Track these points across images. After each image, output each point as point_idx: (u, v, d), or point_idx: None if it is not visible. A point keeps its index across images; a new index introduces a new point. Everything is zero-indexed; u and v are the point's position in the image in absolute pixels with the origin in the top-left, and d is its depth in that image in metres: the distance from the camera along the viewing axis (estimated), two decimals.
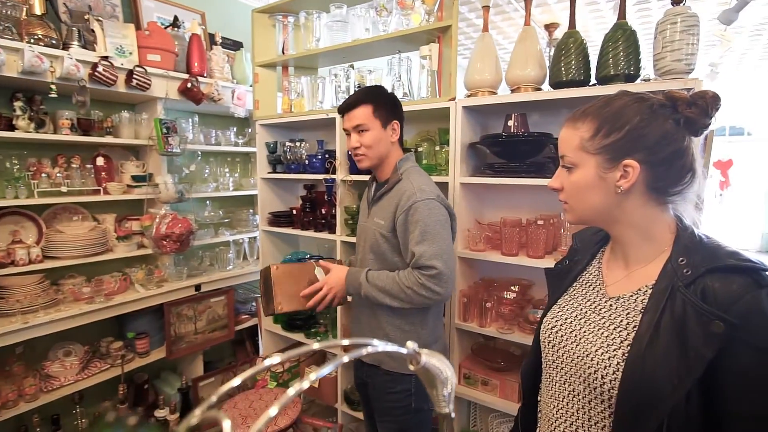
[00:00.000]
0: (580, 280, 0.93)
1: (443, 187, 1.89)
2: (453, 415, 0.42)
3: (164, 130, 2.19)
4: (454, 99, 1.81)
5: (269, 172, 2.53)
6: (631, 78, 1.51)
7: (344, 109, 1.48)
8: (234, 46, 2.88)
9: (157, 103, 2.30)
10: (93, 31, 2.01)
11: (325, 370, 0.31)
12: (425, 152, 2.00)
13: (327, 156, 2.25)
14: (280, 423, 1.99)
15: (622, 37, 1.52)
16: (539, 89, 1.73)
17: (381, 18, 2.03)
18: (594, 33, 4.48)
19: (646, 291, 0.78)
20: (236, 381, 0.37)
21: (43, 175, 1.98)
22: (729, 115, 8.10)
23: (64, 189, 2.01)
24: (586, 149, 0.78)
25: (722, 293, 0.68)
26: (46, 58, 1.79)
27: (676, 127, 0.76)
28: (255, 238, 2.83)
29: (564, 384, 0.85)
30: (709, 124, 0.78)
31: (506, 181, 1.72)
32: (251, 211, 2.89)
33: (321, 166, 2.24)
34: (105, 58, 1.98)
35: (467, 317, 1.85)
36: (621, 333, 0.77)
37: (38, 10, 1.85)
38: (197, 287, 2.47)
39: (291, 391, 0.28)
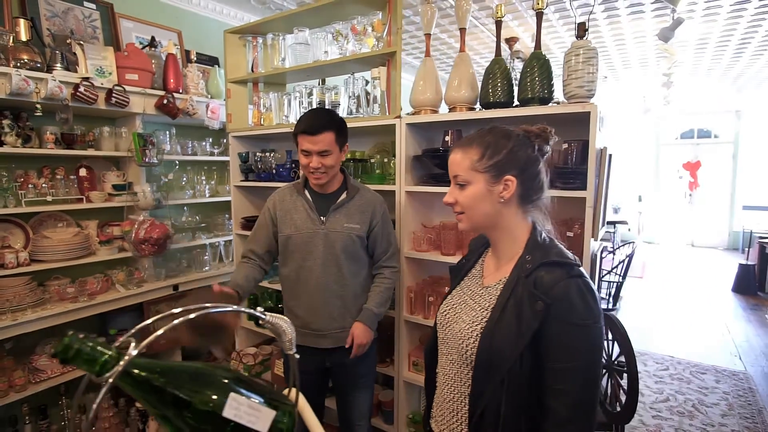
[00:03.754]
0: (469, 275, 1.17)
1: (390, 195, 2.13)
2: (297, 356, 0.63)
3: (142, 143, 2.39)
4: (399, 116, 2.04)
5: (242, 180, 2.74)
6: (545, 101, 1.75)
7: (310, 131, 1.60)
8: (210, 62, 3.09)
9: (135, 118, 2.50)
10: (75, 54, 2.20)
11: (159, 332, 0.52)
12: (377, 163, 2.23)
13: (293, 165, 2.46)
14: None
15: (537, 65, 1.76)
16: (473, 108, 1.96)
17: (337, 42, 2.25)
18: (556, 50, 4.77)
19: (503, 280, 1.01)
20: (159, 332, 0.58)
21: (30, 185, 2.17)
22: (696, 119, 8.46)
23: (49, 198, 2.20)
24: (476, 169, 1.01)
25: (546, 281, 0.91)
26: (32, 81, 1.99)
27: (534, 151, 1.01)
28: (230, 241, 3.04)
29: (448, 355, 1.08)
30: (547, 150, 1.03)
31: (445, 190, 1.95)
32: (227, 215, 3.10)
33: (288, 175, 2.46)
34: (86, 78, 2.18)
35: (413, 311, 2.08)
36: (483, 313, 1.00)
37: (24, 36, 2.05)
38: (175, 287, 2.68)
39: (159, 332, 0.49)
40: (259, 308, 0.60)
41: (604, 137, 1.79)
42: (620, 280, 4.08)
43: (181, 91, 2.67)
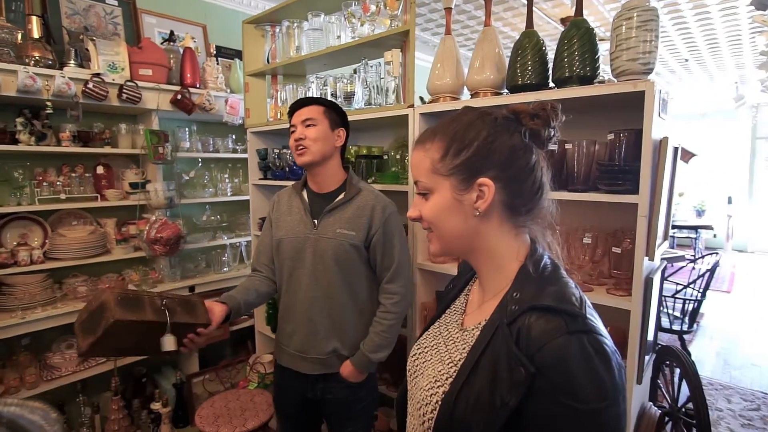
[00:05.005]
0: (451, 308, 0.88)
1: (403, 196, 1.86)
2: None
3: (155, 140, 2.32)
4: (411, 106, 1.76)
5: (260, 179, 2.60)
6: (586, 80, 1.39)
7: (295, 107, 1.51)
8: (235, 56, 2.99)
9: (152, 115, 2.44)
10: (88, 50, 2.17)
11: None
12: (392, 160, 1.97)
13: None
14: (248, 425, 2.05)
15: (576, 35, 1.40)
16: (499, 94, 1.64)
17: (350, 25, 2.01)
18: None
19: (482, 324, 0.72)
20: None
21: (45, 183, 2.16)
22: None
23: (63, 196, 2.19)
24: (439, 171, 0.72)
25: (534, 335, 0.61)
26: (40, 78, 1.96)
27: (523, 140, 0.71)
28: (251, 241, 2.92)
29: (411, 416, 0.81)
30: (553, 135, 0.71)
31: None
32: (249, 215, 2.98)
33: (302, 173, 2.27)
34: (97, 74, 2.13)
35: None
36: (449, 369, 0.71)
37: (36, 33, 2.03)
38: (191, 288, 2.60)
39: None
40: None
41: (667, 125, 1.39)
42: (700, 295, 3.46)
43: (198, 86, 2.58)
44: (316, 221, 1.51)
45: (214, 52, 2.72)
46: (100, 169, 2.39)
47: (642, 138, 1.22)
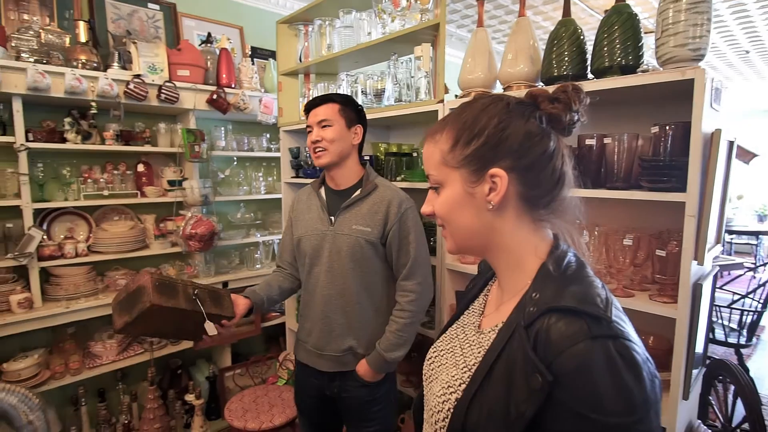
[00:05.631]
0: (469, 309, 0.83)
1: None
2: None
3: (191, 139, 2.38)
4: (441, 101, 1.71)
5: (292, 177, 2.62)
6: (629, 69, 1.29)
7: (311, 105, 1.51)
8: (270, 56, 3.03)
9: (189, 114, 2.51)
10: (130, 52, 2.26)
11: None
12: (421, 158, 1.92)
13: None
14: (275, 421, 2.06)
15: (617, 21, 1.31)
16: (533, 86, 1.56)
17: (380, 21, 1.99)
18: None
19: (499, 326, 0.66)
20: None
21: (90, 180, 2.27)
22: None
23: (106, 192, 2.29)
24: (449, 163, 0.68)
25: (553, 340, 0.55)
26: (85, 80, 2.06)
27: (539, 126, 0.65)
28: None
29: (426, 424, 0.76)
30: (576, 119, 0.65)
31: None
32: (281, 213, 3.02)
33: None
34: (137, 76, 2.21)
35: None
36: (463, 374, 0.67)
37: (83, 38, 2.14)
38: (224, 284, 2.65)
39: None
40: None
41: (720, 118, 1.27)
42: (760, 307, 3.18)
43: (234, 86, 2.63)
44: (332, 218, 1.51)
45: (250, 53, 2.77)
46: (140, 167, 2.49)
47: (690, 131, 1.11)
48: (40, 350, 2.15)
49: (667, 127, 1.22)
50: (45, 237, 2.11)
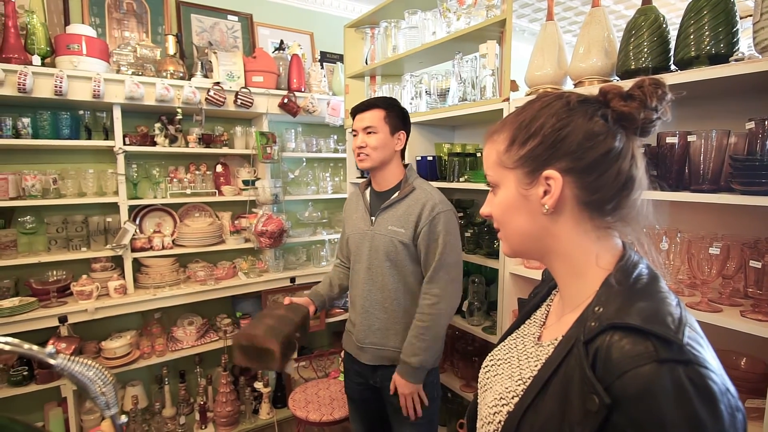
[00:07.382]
0: (531, 318, 0.79)
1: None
2: (123, 418, 0.43)
3: (264, 141, 2.53)
4: (507, 99, 1.66)
5: (357, 177, 2.68)
6: (719, 59, 1.16)
7: (357, 110, 1.56)
8: (340, 60, 3.12)
9: (263, 118, 2.67)
10: (211, 61, 2.44)
11: None
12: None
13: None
14: (335, 414, 2.12)
15: (707, 5, 1.18)
16: (608, 81, 1.45)
17: (445, 20, 1.97)
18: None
19: (558, 340, 0.63)
20: None
21: (175, 180, 2.50)
22: None
23: (188, 191, 2.50)
24: (504, 164, 0.66)
25: (613, 359, 0.51)
26: (172, 88, 2.27)
27: (605, 125, 0.60)
28: None
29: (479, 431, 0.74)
30: (655, 118, 0.59)
31: None
32: None
33: None
34: (217, 83, 2.39)
35: None
36: (517, 387, 0.64)
37: (172, 50, 2.35)
38: (292, 279, 2.78)
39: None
40: (49, 348, 0.42)
41: None
42: None
43: (303, 89, 2.75)
44: (373, 218, 1.58)
45: (319, 58, 2.87)
46: (219, 168, 2.68)
47: None
48: (132, 332, 2.40)
49: (766, 123, 1.08)
50: (137, 231, 2.35)
